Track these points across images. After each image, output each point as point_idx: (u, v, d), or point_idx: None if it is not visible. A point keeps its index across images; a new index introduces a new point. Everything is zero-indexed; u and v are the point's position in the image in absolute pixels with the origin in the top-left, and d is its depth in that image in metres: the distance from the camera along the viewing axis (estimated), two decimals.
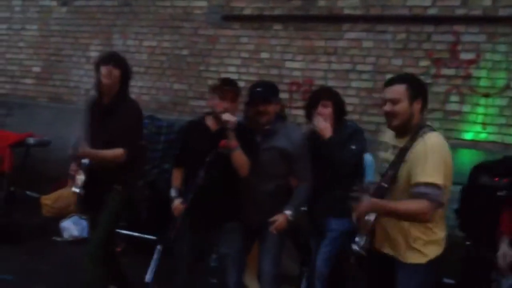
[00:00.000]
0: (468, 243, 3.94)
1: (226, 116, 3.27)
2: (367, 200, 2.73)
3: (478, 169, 4.05)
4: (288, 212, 3.48)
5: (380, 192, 2.82)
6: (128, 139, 3.69)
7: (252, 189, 3.45)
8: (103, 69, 3.65)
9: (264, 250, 3.55)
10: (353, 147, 3.60)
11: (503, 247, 3.13)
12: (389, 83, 2.92)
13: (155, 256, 3.43)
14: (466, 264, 3.92)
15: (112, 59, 3.73)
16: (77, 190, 3.62)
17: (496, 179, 3.87)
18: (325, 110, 3.64)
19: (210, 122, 3.49)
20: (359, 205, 2.75)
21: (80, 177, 3.62)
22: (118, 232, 4.71)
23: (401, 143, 2.87)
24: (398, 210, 2.76)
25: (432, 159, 2.71)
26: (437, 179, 2.68)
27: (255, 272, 3.76)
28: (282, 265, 4.09)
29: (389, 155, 2.92)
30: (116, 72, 3.68)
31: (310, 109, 3.75)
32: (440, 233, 2.90)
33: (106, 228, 3.69)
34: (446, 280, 3.99)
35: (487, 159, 4.51)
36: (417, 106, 2.84)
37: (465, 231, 3.98)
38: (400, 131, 2.89)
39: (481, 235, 3.76)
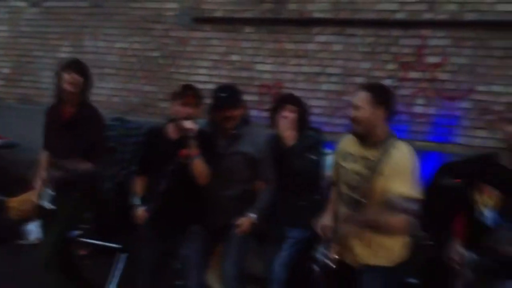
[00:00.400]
0: (429, 243, 3.99)
1: (188, 124, 3.26)
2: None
3: (441, 170, 4.10)
4: (252, 216, 3.49)
5: (357, 206, 2.84)
6: (100, 151, 3.77)
7: (216, 195, 3.45)
8: (67, 76, 3.63)
9: (227, 252, 3.56)
10: (312, 157, 3.62)
11: (456, 246, 3.17)
12: (357, 90, 2.95)
13: (119, 266, 3.42)
14: (428, 264, 3.97)
15: (75, 66, 3.71)
16: (52, 207, 3.58)
17: (458, 180, 3.91)
18: (291, 115, 3.65)
19: (171, 130, 3.47)
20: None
21: (50, 193, 3.59)
22: (82, 240, 4.71)
23: (370, 154, 2.87)
24: (385, 225, 2.77)
25: (411, 173, 2.75)
26: (417, 192, 2.73)
27: (219, 274, 3.76)
28: (250, 265, 4.12)
29: (359, 167, 2.92)
30: (79, 80, 3.67)
31: (274, 113, 3.76)
32: (406, 237, 2.95)
33: (61, 232, 3.67)
34: (410, 280, 4.04)
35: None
36: (379, 113, 2.84)
37: (427, 232, 4.02)
38: (364, 139, 2.90)
39: (443, 236, 3.80)
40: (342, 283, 3.06)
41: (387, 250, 2.91)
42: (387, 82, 5.29)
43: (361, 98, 2.86)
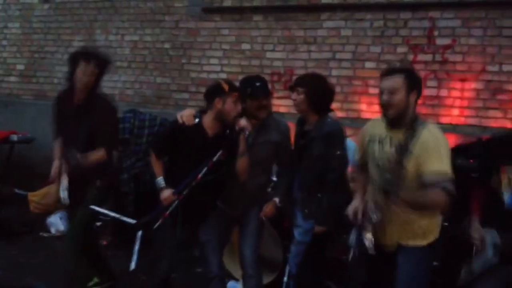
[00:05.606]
0: (445, 224, 4.02)
1: (242, 122, 3.33)
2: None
3: (455, 151, 4.12)
4: (276, 199, 3.60)
5: (390, 187, 2.82)
6: (107, 137, 3.76)
7: (243, 183, 3.48)
8: (85, 67, 3.66)
9: (245, 236, 3.65)
10: (338, 152, 3.55)
11: (475, 224, 3.22)
12: (388, 73, 2.95)
13: (137, 243, 3.46)
14: (445, 245, 4.00)
15: (95, 57, 3.74)
16: (65, 194, 3.65)
17: (471, 160, 3.94)
18: (297, 97, 3.61)
19: (208, 125, 3.45)
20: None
21: (65, 181, 3.65)
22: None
23: (398, 134, 2.89)
24: (424, 202, 2.78)
25: (444, 151, 2.78)
26: (451, 171, 2.75)
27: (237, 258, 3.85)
28: (268, 250, 4.24)
29: (388, 148, 2.93)
30: (96, 71, 3.72)
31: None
32: (438, 218, 3.01)
33: (82, 221, 3.75)
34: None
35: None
36: (412, 97, 2.90)
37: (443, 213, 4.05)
38: (394, 122, 2.91)
39: (458, 216, 3.83)
40: (377, 267, 3.10)
41: (423, 230, 2.95)
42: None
43: (397, 81, 2.87)
